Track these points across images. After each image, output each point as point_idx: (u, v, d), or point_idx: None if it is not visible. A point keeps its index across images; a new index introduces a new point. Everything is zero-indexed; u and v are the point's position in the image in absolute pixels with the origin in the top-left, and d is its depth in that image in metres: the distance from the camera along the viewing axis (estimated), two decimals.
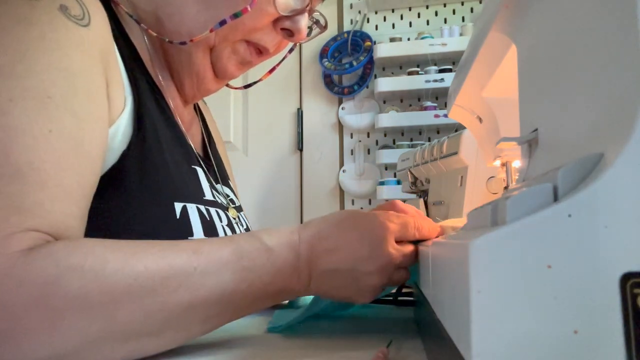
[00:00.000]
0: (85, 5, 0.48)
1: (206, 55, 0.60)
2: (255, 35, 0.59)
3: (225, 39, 0.58)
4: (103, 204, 0.47)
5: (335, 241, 0.44)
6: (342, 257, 0.43)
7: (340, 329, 0.52)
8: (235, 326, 0.53)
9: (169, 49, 0.61)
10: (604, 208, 0.17)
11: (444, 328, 0.25)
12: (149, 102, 0.55)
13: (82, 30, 0.46)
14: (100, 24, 0.49)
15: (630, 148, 0.17)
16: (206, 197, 0.59)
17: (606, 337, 0.17)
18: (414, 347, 0.42)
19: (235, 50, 0.60)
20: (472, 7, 1.81)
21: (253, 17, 0.56)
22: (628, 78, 0.19)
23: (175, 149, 0.57)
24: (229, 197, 0.69)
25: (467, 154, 0.81)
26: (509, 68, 0.41)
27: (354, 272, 0.44)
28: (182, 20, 0.57)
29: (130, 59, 0.55)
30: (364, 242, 0.44)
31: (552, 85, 0.28)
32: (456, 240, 0.22)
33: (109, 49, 0.50)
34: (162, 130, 0.56)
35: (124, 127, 0.50)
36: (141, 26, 0.58)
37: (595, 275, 0.17)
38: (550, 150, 0.28)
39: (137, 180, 0.50)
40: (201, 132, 0.73)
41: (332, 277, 0.44)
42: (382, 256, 0.44)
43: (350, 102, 1.84)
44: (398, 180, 1.65)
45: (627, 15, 0.19)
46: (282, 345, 0.45)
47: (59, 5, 0.45)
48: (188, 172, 0.59)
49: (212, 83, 0.63)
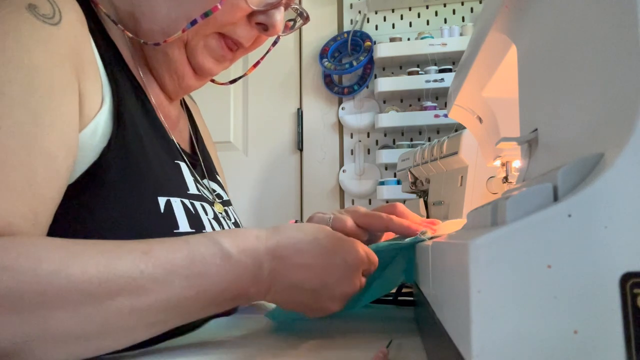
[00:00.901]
0: (56, 4, 0.48)
1: (182, 52, 0.59)
2: (228, 28, 0.58)
3: (197, 33, 0.57)
4: (86, 200, 0.47)
5: (307, 258, 0.43)
6: (310, 276, 0.43)
7: (340, 329, 0.52)
8: (233, 325, 0.53)
9: (145, 48, 0.61)
10: (604, 208, 0.17)
11: (444, 328, 0.25)
12: (129, 99, 0.55)
13: (51, 28, 0.46)
14: (72, 22, 0.49)
15: (630, 148, 0.17)
16: (190, 191, 0.59)
17: (606, 337, 0.17)
18: (414, 347, 0.42)
19: (207, 44, 0.59)
20: (472, 7, 1.81)
21: (225, 12, 0.55)
22: (628, 78, 0.19)
23: (157, 145, 0.57)
24: (215, 192, 0.69)
25: (467, 154, 0.81)
26: (509, 68, 0.41)
27: (317, 294, 0.44)
28: (154, 19, 0.57)
29: (110, 57, 0.55)
30: (337, 268, 0.44)
31: (552, 85, 0.28)
32: (456, 240, 0.22)
33: (82, 47, 0.50)
34: (143, 126, 0.56)
35: (103, 124, 0.50)
36: (118, 27, 0.58)
37: (595, 275, 0.17)
38: (550, 150, 0.28)
39: (119, 175, 0.49)
40: (188, 130, 0.73)
41: (293, 292, 0.43)
42: (349, 286, 0.45)
43: (350, 102, 1.84)
44: (398, 180, 1.65)
45: (627, 15, 0.19)
46: (281, 345, 0.45)
47: (27, 4, 0.45)
48: (171, 166, 0.59)
49: (193, 80, 0.63)
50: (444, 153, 0.87)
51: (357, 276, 0.45)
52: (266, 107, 1.93)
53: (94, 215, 0.47)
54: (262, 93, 1.90)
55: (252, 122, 1.94)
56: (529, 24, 0.34)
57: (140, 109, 0.57)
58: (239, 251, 0.41)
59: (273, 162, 1.92)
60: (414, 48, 1.70)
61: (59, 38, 0.46)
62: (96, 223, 0.47)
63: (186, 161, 0.63)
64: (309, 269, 0.43)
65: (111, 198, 0.48)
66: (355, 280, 0.45)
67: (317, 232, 0.45)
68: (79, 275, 0.35)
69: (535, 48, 0.32)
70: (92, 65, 0.51)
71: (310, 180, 1.88)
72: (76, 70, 0.48)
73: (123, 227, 0.48)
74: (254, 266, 0.42)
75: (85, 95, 0.49)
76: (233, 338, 0.48)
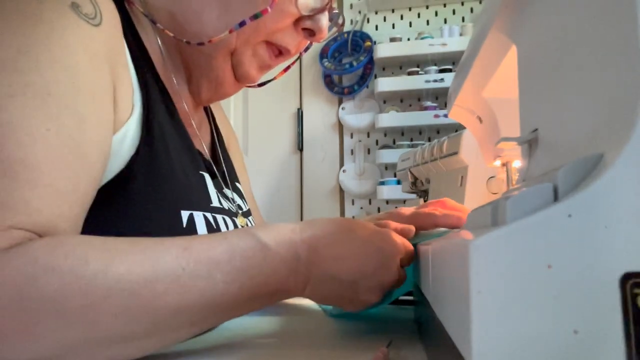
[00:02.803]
0: (97, 4, 0.47)
1: (227, 59, 0.59)
2: (276, 36, 0.58)
3: (247, 42, 0.57)
4: (109, 210, 0.46)
5: (342, 249, 0.42)
6: (347, 267, 0.42)
7: (340, 329, 0.52)
8: (236, 327, 0.53)
9: (186, 51, 0.60)
10: (604, 208, 0.17)
11: (444, 328, 0.25)
12: (158, 106, 0.54)
13: (93, 29, 0.45)
14: (112, 24, 0.48)
15: (630, 148, 0.17)
16: (213, 204, 0.58)
17: (606, 337, 0.17)
18: (414, 347, 0.42)
19: (255, 52, 0.59)
20: (472, 7, 1.81)
21: (274, 17, 0.55)
22: (628, 78, 0.19)
23: (183, 155, 0.56)
24: (236, 203, 0.68)
25: (467, 154, 0.81)
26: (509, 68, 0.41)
27: (355, 285, 0.43)
28: (201, 26, 0.56)
29: (142, 62, 0.54)
30: (372, 258, 0.43)
31: (552, 85, 0.28)
32: (456, 240, 0.22)
33: (119, 50, 0.49)
34: (170, 135, 0.55)
35: (132, 132, 0.49)
36: (157, 26, 0.57)
37: (595, 275, 0.17)
38: (550, 150, 0.28)
39: (144, 187, 0.48)
40: (210, 133, 0.72)
41: (331, 285, 0.43)
42: (388, 275, 0.43)
43: (351, 102, 1.84)
44: (398, 180, 1.65)
45: (627, 15, 0.19)
46: (282, 345, 0.45)
47: (70, 2, 0.44)
48: (195, 178, 0.58)
49: (231, 87, 0.62)
50: (444, 153, 0.87)
51: (395, 265, 0.44)
52: (266, 107, 1.93)
53: (116, 226, 0.46)
54: (262, 93, 1.90)
55: (252, 122, 1.94)
56: (529, 24, 0.34)
57: (168, 117, 0.56)
58: (277, 243, 0.41)
59: (273, 162, 1.92)
60: (414, 48, 1.70)
61: (99, 39, 0.45)
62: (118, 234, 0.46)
63: (211, 171, 0.62)
64: (345, 260, 0.42)
65: (134, 210, 0.47)
66: (393, 269, 0.44)
67: (352, 224, 0.45)
68: (125, 275, 0.35)
69: (535, 48, 0.32)
70: (125, 70, 0.50)
71: (311, 180, 1.88)
72: (112, 73, 0.47)
73: None
74: (292, 258, 0.41)
75: (118, 99, 0.48)
76: (233, 339, 0.48)
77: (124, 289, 0.34)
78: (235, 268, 0.39)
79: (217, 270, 0.38)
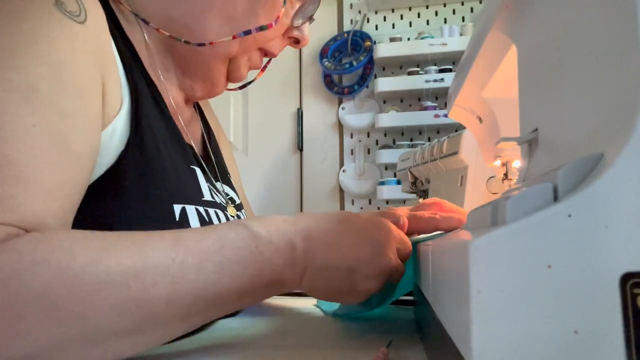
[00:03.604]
0: (81, 2, 0.47)
1: (225, 63, 0.63)
2: (270, 44, 0.64)
3: (247, 49, 0.62)
4: (101, 205, 0.46)
5: (338, 238, 0.42)
6: (344, 255, 0.42)
7: (340, 329, 0.52)
8: (235, 327, 0.53)
9: (179, 50, 0.61)
10: (604, 208, 0.17)
11: (444, 328, 0.25)
12: (147, 101, 0.54)
13: (77, 26, 0.45)
14: (96, 21, 0.48)
15: (630, 148, 0.17)
16: (205, 197, 0.59)
17: (606, 337, 0.17)
18: (414, 347, 0.42)
19: (250, 57, 0.65)
20: (472, 7, 1.81)
21: (274, 29, 0.61)
22: (628, 78, 0.19)
23: (173, 150, 0.57)
24: (228, 196, 0.69)
25: (467, 154, 0.81)
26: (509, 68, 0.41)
27: (353, 273, 0.42)
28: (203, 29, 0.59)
29: (129, 58, 0.54)
30: (367, 244, 0.43)
31: (552, 85, 0.28)
32: (456, 240, 0.22)
33: (105, 47, 0.49)
34: (160, 130, 0.55)
35: (121, 127, 0.50)
36: (150, 26, 0.58)
37: (595, 275, 0.17)
38: (550, 150, 0.28)
39: (135, 181, 0.49)
40: (200, 129, 0.73)
41: (329, 275, 0.42)
42: (384, 260, 0.43)
43: (350, 102, 1.84)
44: (398, 180, 1.65)
45: (627, 15, 0.19)
46: (282, 345, 0.45)
47: (54, 0, 0.44)
48: (186, 172, 0.58)
49: (222, 87, 0.66)
50: (444, 153, 0.87)
51: (391, 251, 0.44)
52: (266, 107, 1.93)
53: (108, 222, 0.46)
54: (262, 93, 1.90)
55: (252, 122, 1.94)
56: (529, 24, 0.34)
57: (157, 112, 0.57)
58: (269, 233, 0.40)
59: (273, 162, 1.92)
60: (414, 48, 1.70)
61: (84, 36, 0.46)
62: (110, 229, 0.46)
63: (201, 165, 0.63)
64: (341, 248, 0.42)
65: (127, 205, 0.47)
66: (390, 254, 0.43)
67: (346, 214, 0.45)
68: (114, 268, 0.34)
69: (535, 48, 0.32)
70: (112, 66, 0.50)
71: (311, 180, 1.88)
72: (100, 69, 0.47)
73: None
74: (286, 247, 0.40)
75: (106, 95, 0.48)
76: (232, 339, 0.48)
77: (113, 282, 0.34)
78: (226, 258, 0.38)
79: (208, 261, 0.37)
